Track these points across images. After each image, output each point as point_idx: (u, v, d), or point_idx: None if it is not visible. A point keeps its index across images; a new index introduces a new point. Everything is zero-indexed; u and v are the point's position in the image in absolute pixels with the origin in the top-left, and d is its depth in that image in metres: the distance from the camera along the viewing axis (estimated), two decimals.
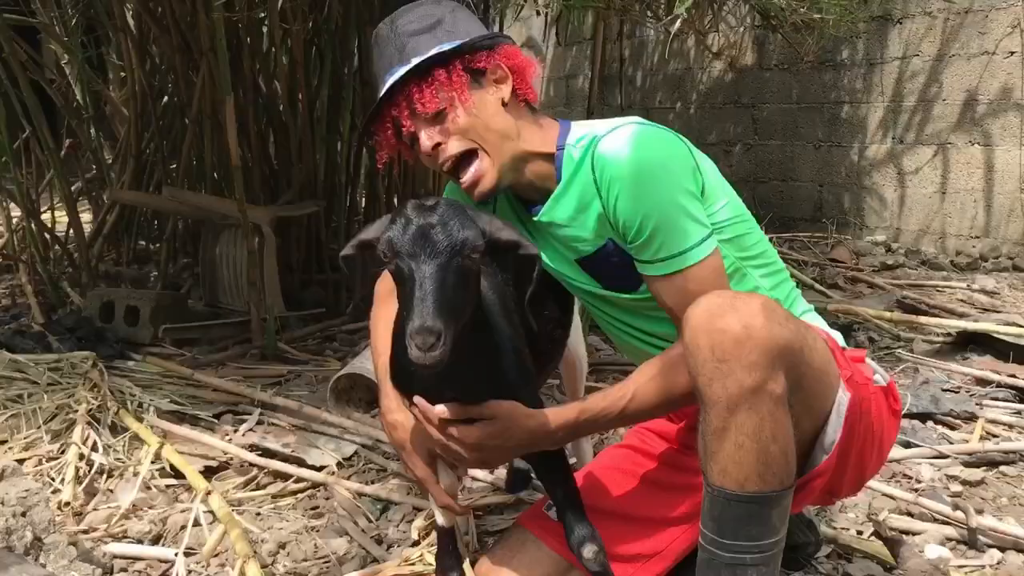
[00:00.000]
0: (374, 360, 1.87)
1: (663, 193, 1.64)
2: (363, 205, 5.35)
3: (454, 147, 1.73)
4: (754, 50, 6.87)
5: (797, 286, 1.99)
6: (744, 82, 6.99)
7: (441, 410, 1.58)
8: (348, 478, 2.68)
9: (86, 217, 5.99)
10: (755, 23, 6.63)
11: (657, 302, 1.72)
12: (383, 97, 1.73)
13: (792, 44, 4.69)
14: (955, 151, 5.83)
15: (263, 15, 4.61)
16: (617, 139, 1.68)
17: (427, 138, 1.72)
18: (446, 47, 1.72)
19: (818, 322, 1.85)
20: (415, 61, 1.70)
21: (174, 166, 5.16)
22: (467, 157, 1.74)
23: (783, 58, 6.63)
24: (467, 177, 1.74)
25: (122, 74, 5.80)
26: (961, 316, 4.23)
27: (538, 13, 4.29)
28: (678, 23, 2.69)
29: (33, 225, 4.83)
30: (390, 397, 1.77)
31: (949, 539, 2.30)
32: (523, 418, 1.63)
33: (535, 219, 1.83)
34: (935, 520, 2.38)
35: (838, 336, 1.83)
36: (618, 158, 1.66)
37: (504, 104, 1.76)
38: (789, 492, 1.53)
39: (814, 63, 6.38)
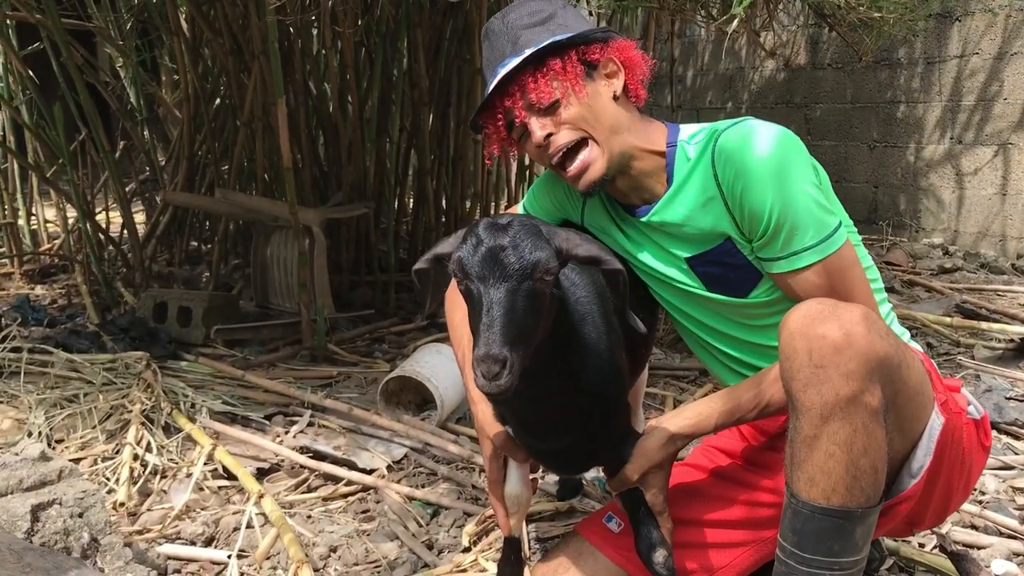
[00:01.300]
0: (463, 370, 1.85)
1: (791, 186, 1.60)
2: (411, 206, 5.36)
3: (565, 137, 1.71)
4: (807, 49, 6.76)
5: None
6: (797, 81, 6.88)
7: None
8: (398, 481, 2.67)
9: (140, 218, 6.09)
10: (808, 21, 6.52)
11: (794, 298, 1.67)
12: (496, 87, 1.71)
13: (849, 44, 4.59)
14: (1016, 151, 5.67)
15: (314, 18, 4.64)
16: (740, 132, 1.65)
17: (539, 128, 1.70)
18: (560, 37, 1.70)
19: (915, 347, 1.80)
20: (529, 52, 1.69)
21: (226, 168, 5.21)
22: (575, 148, 1.72)
23: (837, 57, 6.52)
24: (574, 166, 1.72)
25: (175, 77, 5.87)
26: (1023, 321, 4.11)
27: (591, 13, 4.25)
28: (735, 23, 2.64)
29: (88, 226, 4.91)
30: (486, 414, 1.76)
31: (1016, 554, 2.22)
32: (652, 446, 1.67)
33: (643, 220, 1.80)
34: (1000, 534, 2.31)
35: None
36: (743, 151, 1.62)
37: (615, 98, 1.74)
38: (875, 511, 1.48)
39: (868, 61, 6.25)
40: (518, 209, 2.05)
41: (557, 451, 1.71)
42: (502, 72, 1.70)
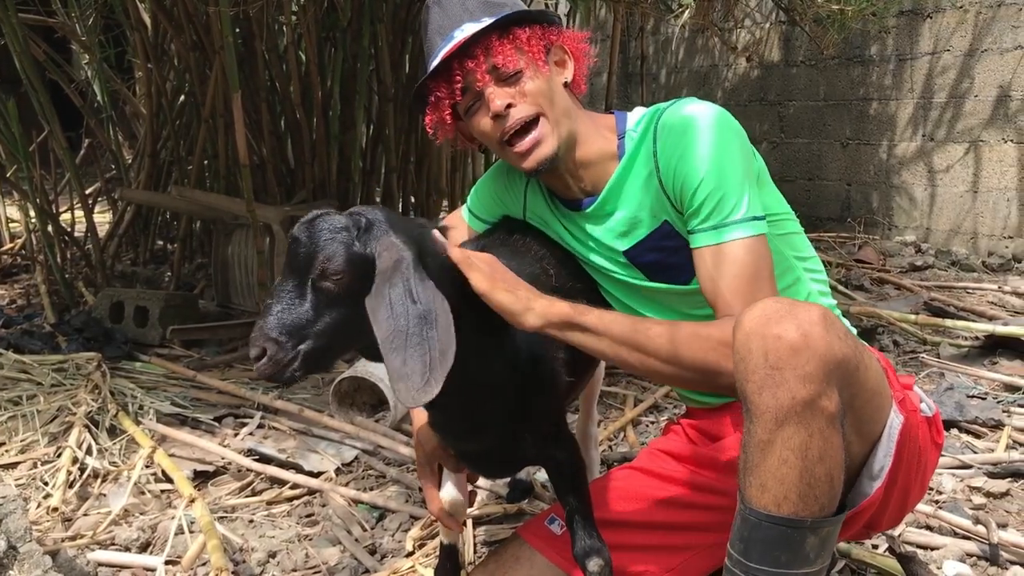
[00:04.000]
0: None
1: (726, 156, 1.57)
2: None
3: (524, 110, 1.66)
4: (780, 46, 6.73)
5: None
6: (770, 79, 6.84)
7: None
8: (347, 484, 2.61)
9: (107, 217, 6.00)
10: (779, 18, 6.49)
11: (698, 281, 1.62)
12: (459, 50, 1.64)
13: (812, 38, 4.55)
14: (987, 148, 5.65)
15: (280, 18, 4.57)
16: (682, 106, 1.64)
17: (500, 97, 1.65)
18: (524, 9, 1.68)
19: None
20: (488, 20, 1.64)
21: (191, 167, 5.13)
22: (526, 126, 1.68)
23: (810, 54, 6.49)
24: (525, 142, 1.67)
25: (138, 74, 5.79)
26: (991, 319, 4.08)
27: (546, 6, 4.22)
28: (687, 14, 2.60)
29: (50, 226, 4.82)
30: (419, 420, 1.74)
31: (969, 555, 2.18)
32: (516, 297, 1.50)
33: (588, 210, 1.77)
34: (955, 535, 2.27)
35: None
36: (683, 118, 1.61)
37: (565, 86, 1.73)
38: (828, 521, 1.40)
39: (840, 59, 6.23)
40: (463, 210, 2.00)
41: (481, 453, 1.65)
42: (460, 36, 1.65)
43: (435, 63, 1.67)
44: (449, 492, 1.82)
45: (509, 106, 1.66)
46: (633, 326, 1.51)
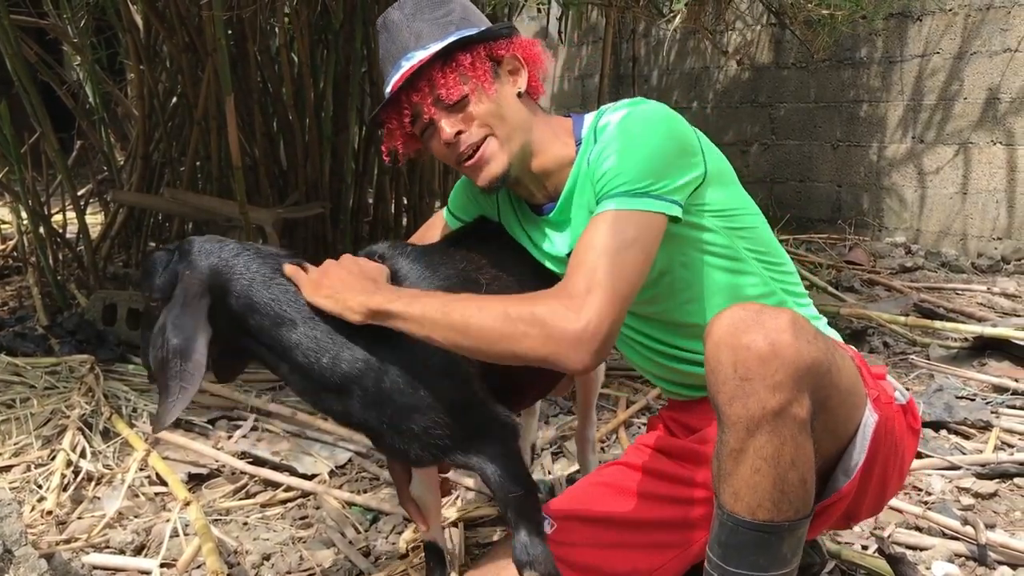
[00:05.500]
0: None
1: (645, 139, 1.56)
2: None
3: (475, 135, 1.67)
4: (771, 48, 6.76)
5: (810, 287, 1.91)
6: (761, 81, 6.87)
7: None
8: (340, 487, 2.62)
9: (99, 219, 5.99)
10: (769, 21, 6.52)
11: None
12: (404, 83, 1.66)
13: (803, 41, 4.57)
14: (976, 150, 5.70)
15: (273, 20, 4.58)
16: (622, 104, 1.67)
17: (448, 126, 1.66)
18: (467, 33, 1.67)
19: (832, 335, 1.76)
20: (434, 47, 1.65)
21: (183, 169, 5.13)
22: (478, 144, 1.70)
23: (800, 56, 6.52)
24: (473, 160, 1.68)
25: (130, 76, 5.78)
26: (980, 320, 4.11)
27: (539, 10, 4.23)
28: (678, 19, 2.62)
29: (42, 228, 4.81)
30: None
31: (958, 555, 2.21)
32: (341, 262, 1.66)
33: (548, 217, 1.77)
34: (944, 535, 2.29)
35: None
36: (620, 116, 1.63)
37: (519, 96, 1.73)
38: (803, 523, 1.44)
39: (830, 61, 6.27)
40: (444, 211, 2.02)
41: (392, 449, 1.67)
42: (407, 66, 1.67)
43: (387, 95, 1.70)
44: (415, 488, 1.83)
45: (459, 132, 1.67)
46: (442, 307, 1.50)
